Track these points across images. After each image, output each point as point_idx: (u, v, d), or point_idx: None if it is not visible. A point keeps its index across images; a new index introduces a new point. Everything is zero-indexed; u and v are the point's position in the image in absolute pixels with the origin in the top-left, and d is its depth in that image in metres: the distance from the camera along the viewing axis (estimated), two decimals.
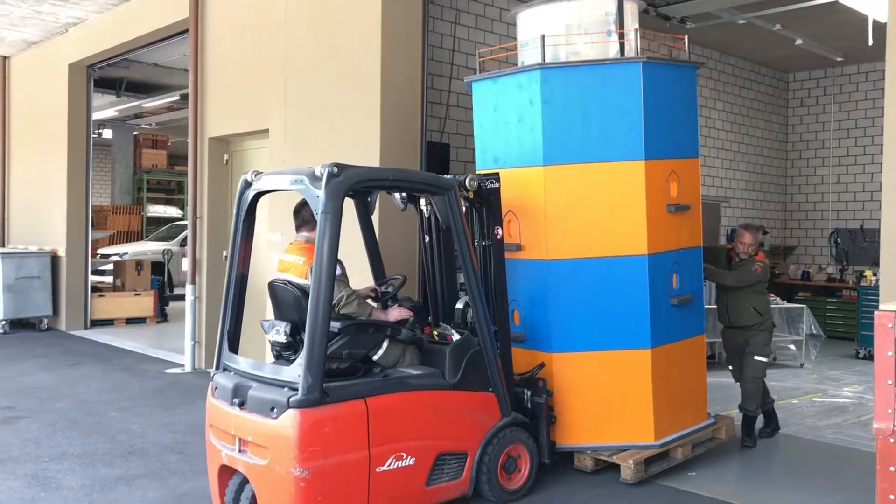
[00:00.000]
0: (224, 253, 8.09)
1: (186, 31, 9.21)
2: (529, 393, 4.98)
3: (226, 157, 8.92)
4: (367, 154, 6.65)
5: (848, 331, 11.28)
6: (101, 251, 16.32)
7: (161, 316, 12.89)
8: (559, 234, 5.19)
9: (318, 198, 4.04)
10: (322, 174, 4.05)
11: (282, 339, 4.45)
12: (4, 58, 13.30)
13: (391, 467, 4.18)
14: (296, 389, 3.92)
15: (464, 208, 4.84)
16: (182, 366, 8.87)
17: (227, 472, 4.34)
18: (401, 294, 5.15)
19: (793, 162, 13.47)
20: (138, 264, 13.03)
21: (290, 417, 3.88)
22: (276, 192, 4.93)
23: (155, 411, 6.90)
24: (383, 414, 4.17)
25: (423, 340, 4.80)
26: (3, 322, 11.36)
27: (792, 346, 9.64)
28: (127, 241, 18.94)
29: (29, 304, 11.57)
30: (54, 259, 11.86)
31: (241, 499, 4.25)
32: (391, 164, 6.45)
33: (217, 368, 4.57)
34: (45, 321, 11.76)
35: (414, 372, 4.54)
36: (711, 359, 9.18)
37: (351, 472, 4.04)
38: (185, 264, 9.45)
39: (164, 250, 14.73)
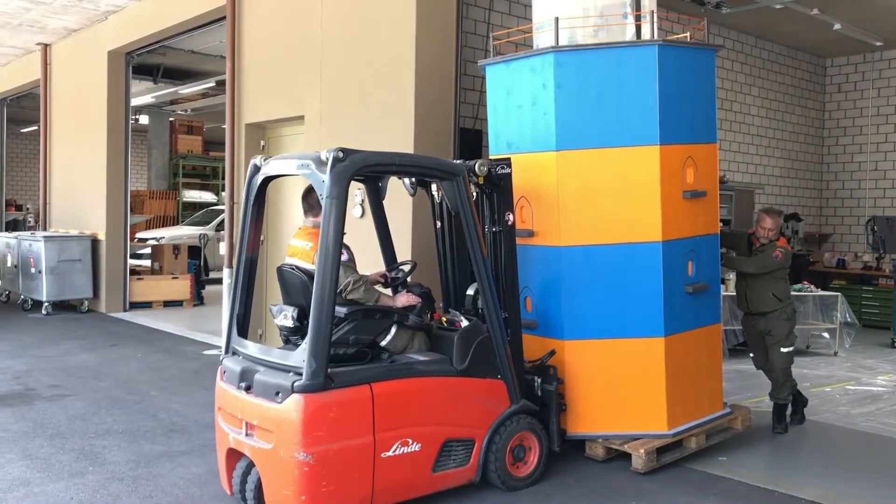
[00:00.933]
0: (261, 237, 8.22)
1: (223, 18, 9.35)
2: (540, 380, 4.94)
3: (262, 143, 9.05)
4: (400, 140, 6.74)
5: (884, 320, 11.16)
6: (138, 235, 16.64)
7: (198, 299, 13.13)
8: (572, 221, 5.13)
9: (323, 182, 4.02)
10: (327, 159, 4.02)
11: (289, 323, 4.45)
12: (46, 45, 13.56)
13: (396, 453, 4.16)
14: (301, 374, 3.92)
15: (474, 194, 4.81)
16: (219, 347, 9.05)
17: (234, 455, 4.37)
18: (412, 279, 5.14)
19: (829, 148, 13.30)
20: (175, 248, 13.27)
21: (295, 402, 3.89)
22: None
23: (194, 391, 7.08)
24: (389, 399, 4.15)
25: (431, 326, 4.76)
26: (46, 304, 11.66)
27: (826, 335, 9.56)
28: (163, 226, 19.27)
29: (70, 286, 11.84)
30: (94, 243, 12.13)
31: (248, 482, 4.27)
32: (425, 150, 6.52)
33: (226, 352, 4.61)
34: (86, 303, 12.05)
35: (421, 358, 4.52)
36: (743, 346, 9.17)
37: (355, 458, 4.03)
38: (222, 248, 9.62)
39: (200, 235, 14.97)
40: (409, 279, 5.16)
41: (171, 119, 21.09)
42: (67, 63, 13.25)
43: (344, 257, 4.27)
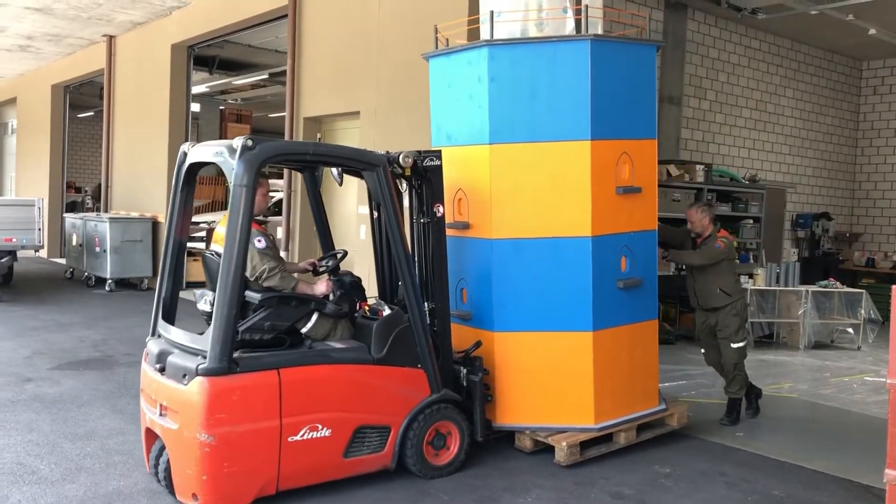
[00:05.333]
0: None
1: (283, 16, 9.98)
2: (465, 371, 4.94)
3: (318, 135, 9.68)
4: None
5: None
6: (193, 219, 17.39)
7: None
8: (503, 214, 5.13)
9: (233, 170, 4.06)
10: (237, 147, 4.07)
11: (208, 308, 4.48)
12: (111, 36, 14.34)
13: (304, 438, 4.21)
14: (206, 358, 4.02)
15: (403, 185, 4.90)
16: None
17: (151, 434, 4.48)
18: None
19: (862, 150, 13.59)
20: None
21: (198, 384, 3.97)
22: None
23: None
24: (297, 385, 4.21)
25: (351, 315, 4.78)
26: (110, 281, 12.41)
27: (850, 330, 9.94)
28: (211, 211, 20.00)
29: (132, 265, 12.62)
30: (154, 224, 12.91)
31: (161, 461, 4.37)
32: None
33: (152, 335, 4.71)
34: (146, 281, 12.79)
35: (337, 346, 4.56)
36: (769, 338, 9.63)
37: (260, 441, 4.09)
38: (278, 233, 10.27)
39: None
40: (339, 267, 5.19)
41: (221, 108, 21.84)
42: (131, 54, 13.99)
43: (262, 245, 4.41)
